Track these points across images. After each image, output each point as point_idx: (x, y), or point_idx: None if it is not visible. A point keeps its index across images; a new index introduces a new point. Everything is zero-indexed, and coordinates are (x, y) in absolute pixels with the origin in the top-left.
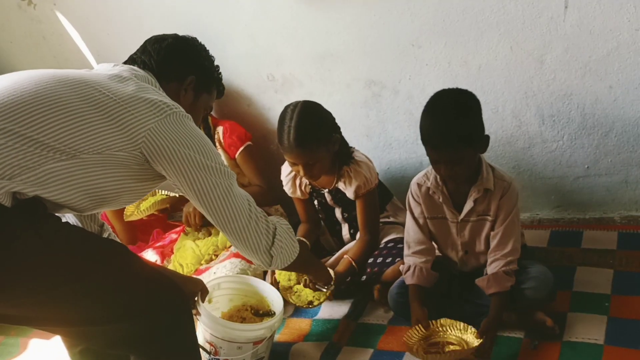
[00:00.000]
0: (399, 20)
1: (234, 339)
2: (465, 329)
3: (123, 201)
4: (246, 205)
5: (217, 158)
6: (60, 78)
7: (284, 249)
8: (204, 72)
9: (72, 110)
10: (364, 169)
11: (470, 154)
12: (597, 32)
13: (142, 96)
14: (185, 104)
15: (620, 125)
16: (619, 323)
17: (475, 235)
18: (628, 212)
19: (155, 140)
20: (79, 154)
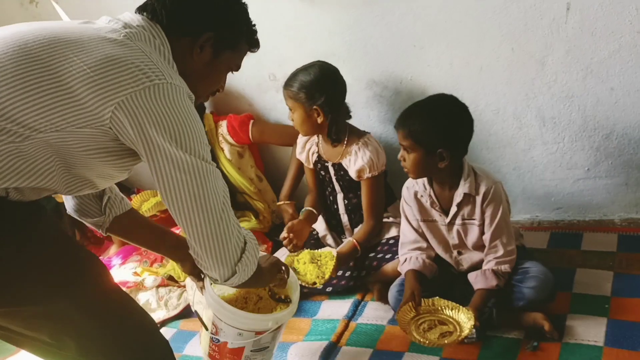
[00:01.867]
0: (401, 21)
1: (236, 325)
2: (457, 309)
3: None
4: (218, 210)
5: (194, 147)
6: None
7: (248, 267)
8: (227, 26)
9: (25, 84)
10: (372, 152)
11: (420, 152)
12: (598, 34)
13: (120, 59)
14: (199, 63)
15: (621, 128)
16: (618, 325)
17: (464, 237)
18: (628, 214)
19: (123, 117)
20: (35, 134)
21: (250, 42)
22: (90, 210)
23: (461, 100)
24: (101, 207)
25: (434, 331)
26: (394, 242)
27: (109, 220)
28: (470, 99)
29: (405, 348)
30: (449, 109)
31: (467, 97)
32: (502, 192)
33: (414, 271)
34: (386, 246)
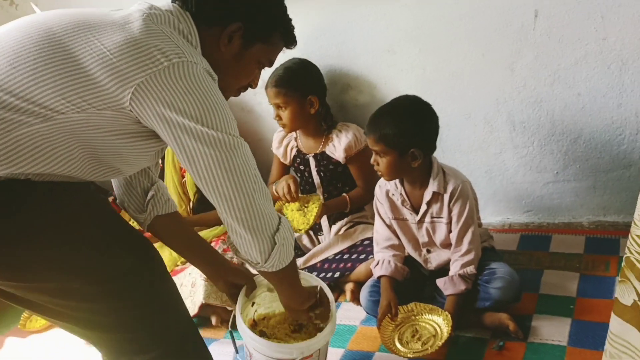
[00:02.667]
0: (375, 27)
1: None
2: (434, 311)
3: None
4: (251, 182)
5: (218, 122)
6: (48, 27)
7: (287, 243)
8: (257, 16)
9: (47, 66)
10: (353, 129)
11: (393, 155)
12: (565, 41)
13: (139, 41)
14: (228, 54)
15: (588, 132)
16: (582, 325)
17: (432, 235)
18: (596, 217)
19: (142, 98)
20: (56, 115)
21: (286, 37)
22: (132, 203)
23: (427, 101)
24: (144, 203)
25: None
26: (368, 242)
27: (150, 218)
28: (443, 104)
29: (376, 348)
30: (415, 109)
31: (439, 101)
32: (469, 191)
33: (387, 278)
34: (360, 247)
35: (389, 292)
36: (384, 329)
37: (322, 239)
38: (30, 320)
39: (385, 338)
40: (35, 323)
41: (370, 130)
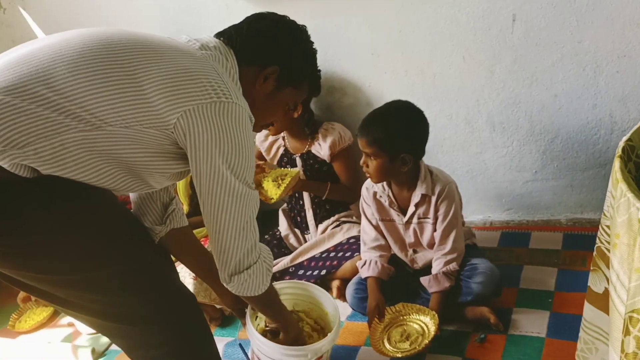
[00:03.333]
0: (359, 31)
1: (274, 357)
2: (421, 311)
3: (157, 182)
4: (239, 227)
5: (241, 170)
6: (109, 42)
7: (247, 283)
8: (293, 64)
9: (105, 79)
10: (338, 128)
11: (383, 158)
12: (542, 44)
13: (194, 72)
14: (261, 92)
15: (565, 132)
16: (560, 318)
17: (420, 236)
18: (573, 214)
19: (186, 125)
20: (105, 126)
21: (312, 85)
22: (150, 215)
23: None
24: (163, 217)
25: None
26: (354, 241)
27: (165, 230)
28: (425, 105)
29: (361, 343)
30: (407, 115)
31: (422, 103)
32: (455, 192)
33: (374, 279)
34: (346, 245)
35: (376, 293)
36: (374, 331)
37: (308, 238)
38: (19, 321)
39: (375, 339)
40: (24, 324)
41: (362, 133)
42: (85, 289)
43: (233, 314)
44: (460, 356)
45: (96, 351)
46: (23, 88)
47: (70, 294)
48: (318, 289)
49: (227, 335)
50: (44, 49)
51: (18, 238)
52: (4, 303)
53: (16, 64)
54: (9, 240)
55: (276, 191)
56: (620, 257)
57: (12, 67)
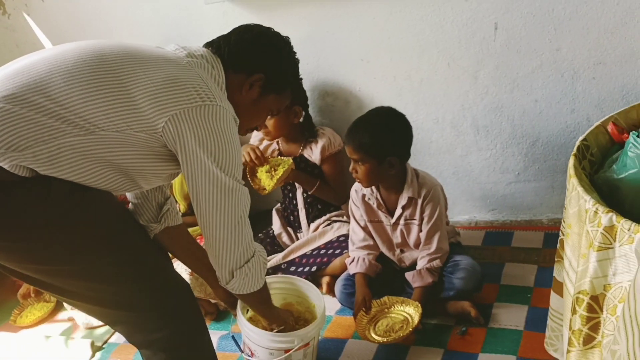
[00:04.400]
0: (350, 37)
1: (264, 345)
2: (405, 302)
3: (149, 182)
4: (234, 222)
5: (229, 167)
6: (101, 54)
7: (248, 278)
8: (276, 72)
9: (97, 88)
10: (328, 133)
11: (372, 163)
12: (523, 51)
13: (180, 80)
14: (247, 99)
15: (546, 136)
16: (537, 312)
17: (406, 236)
18: (555, 214)
19: (174, 128)
20: (98, 130)
21: (295, 92)
22: (146, 214)
23: (400, 110)
24: (158, 215)
25: (389, 327)
26: (343, 239)
27: (160, 228)
28: (412, 109)
29: (349, 336)
30: (391, 119)
31: (409, 107)
32: (440, 194)
33: (362, 275)
34: (336, 243)
35: (363, 288)
36: (360, 322)
37: (301, 236)
38: (20, 317)
39: (361, 330)
40: (25, 319)
41: (349, 139)
42: (83, 278)
43: (227, 310)
44: (442, 348)
45: (95, 345)
46: (22, 97)
47: (69, 284)
48: (304, 282)
49: (221, 329)
50: (43, 61)
51: (18, 233)
52: (5, 299)
53: (16, 75)
54: (9, 235)
55: (269, 182)
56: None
57: (12, 77)
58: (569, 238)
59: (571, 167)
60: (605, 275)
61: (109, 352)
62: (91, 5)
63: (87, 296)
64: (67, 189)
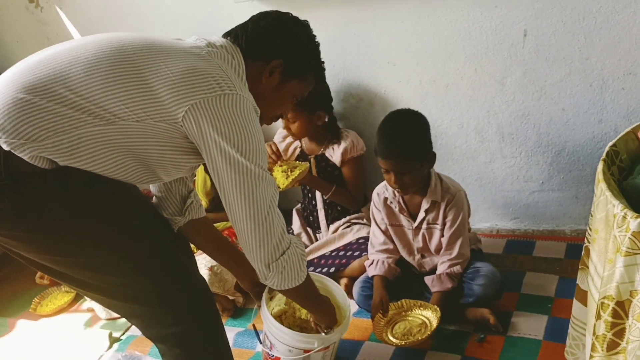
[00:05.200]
0: (377, 40)
1: (283, 342)
2: (423, 306)
3: (169, 174)
4: (264, 212)
5: (252, 154)
6: (121, 45)
7: (286, 271)
8: (295, 57)
9: (116, 78)
10: (352, 136)
11: (416, 166)
12: (552, 59)
13: (199, 70)
14: (268, 86)
15: (572, 145)
16: (557, 322)
17: (428, 241)
18: (578, 225)
19: (194, 117)
20: (118, 120)
21: (318, 76)
22: (170, 207)
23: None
24: (182, 209)
25: (407, 330)
26: (363, 241)
27: (184, 221)
28: (437, 114)
29: (366, 338)
30: (418, 120)
31: (433, 111)
32: (464, 200)
33: (380, 277)
34: (355, 245)
35: (381, 290)
36: (377, 324)
37: (319, 237)
38: (40, 305)
39: (378, 332)
40: (45, 308)
41: (390, 154)
42: (99, 270)
43: (244, 306)
44: (459, 354)
45: (113, 336)
46: (43, 87)
47: (86, 275)
48: (333, 282)
49: (239, 326)
50: (64, 52)
51: (36, 224)
52: (26, 288)
53: (37, 66)
54: (27, 226)
55: (284, 181)
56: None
57: (33, 68)
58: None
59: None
60: (632, 281)
61: (126, 343)
62: (122, 1)
63: (103, 289)
64: (86, 182)
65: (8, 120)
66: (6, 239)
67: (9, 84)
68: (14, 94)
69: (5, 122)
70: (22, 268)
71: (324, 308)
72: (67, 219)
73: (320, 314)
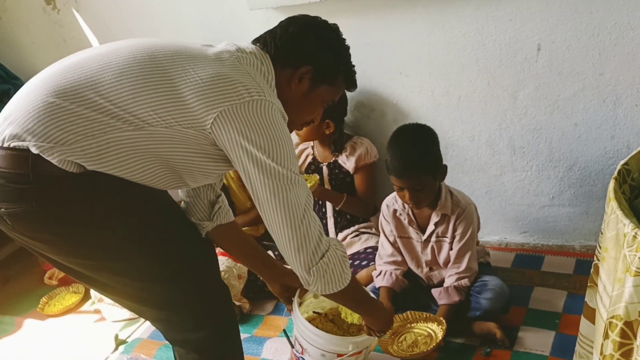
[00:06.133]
0: (390, 50)
1: (317, 345)
2: (428, 318)
3: (196, 180)
4: (299, 216)
5: (282, 158)
6: (152, 52)
7: (328, 274)
8: (325, 63)
9: (146, 84)
10: (366, 143)
11: (430, 181)
12: (565, 74)
13: (228, 76)
14: (297, 92)
15: (583, 161)
16: (565, 338)
17: (437, 254)
18: (587, 241)
19: (222, 124)
20: (147, 126)
21: (348, 81)
22: (198, 213)
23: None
24: (210, 214)
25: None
26: (371, 251)
27: (212, 226)
28: (449, 126)
29: (371, 348)
30: (428, 134)
31: (445, 123)
32: (474, 214)
33: (387, 289)
34: (363, 254)
35: (387, 302)
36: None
37: None
38: (48, 305)
39: (383, 344)
40: (53, 308)
41: (405, 172)
42: (123, 275)
43: (250, 312)
44: None
45: (119, 338)
46: (73, 92)
47: (110, 279)
48: None
49: (244, 332)
50: (95, 57)
51: (63, 227)
52: (34, 287)
53: (68, 70)
54: (54, 229)
55: None
56: (608, 268)
57: (64, 72)
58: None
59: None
60: None
61: (132, 346)
62: (138, 5)
63: (127, 293)
64: (113, 187)
65: (38, 124)
66: (33, 240)
67: (39, 87)
68: (44, 97)
69: (35, 126)
70: (31, 268)
71: (376, 311)
72: (93, 223)
73: (372, 317)
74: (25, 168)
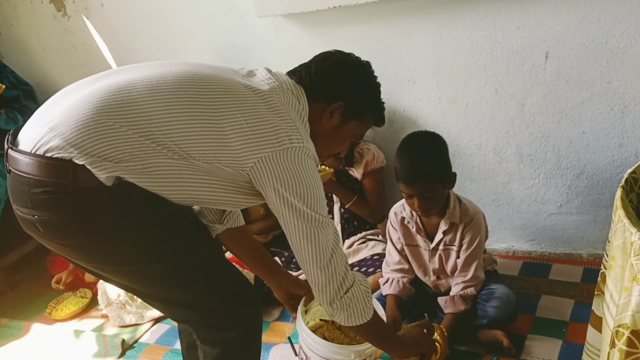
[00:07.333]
0: (397, 57)
1: (320, 353)
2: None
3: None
4: (327, 256)
5: (314, 204)
6: (199, 80)
7: (351, 308)
8: (356, 99)
9: (193, 118)
10: (373, 149)
11: (439, 189)
12: (573, 82)
13: (271, 121)
14: (328, 126)
15: (591, 169)
16: (572, 347)
17: (444, 262)
18: (595, 250)
19: (262, 169)
20: (190, 158)
21: (376, 117)
22: (209, 215)
23: (444, 133)
24: (221, 218)
25: None
26: (377, 258)
27: (222, 229)
28: (456, 133)
29: (377, 356)
30: (436, 142)
31: (453, 131)
32: (482, 222)
33: (394, 296)
34: (370, 261)
35: (393, 310)
36: None
37: None
38: (56, 310)
39: None
40: (60, 312)
41: (414, 179)
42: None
43: None
44: None
45: (125, 343)
46: (123, 114)
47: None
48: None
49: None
50: (142, 81)
51: (97, 235)
52: (42, 291)
53: (117, 91)
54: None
55: None
56: (615, 277)
57: (113, 93)
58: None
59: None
60: None
61: (139, 351)
62: (147, 12)
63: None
64: (145, 195)
65: (87, 140)
66: (64, 247)
67: (86, 104)
68: (94, 115)
69: (85, 141)
70: (39, 272)
71: (400, 347)
72: (124, 231)
73: (395, 353)
74: (65, 179)
